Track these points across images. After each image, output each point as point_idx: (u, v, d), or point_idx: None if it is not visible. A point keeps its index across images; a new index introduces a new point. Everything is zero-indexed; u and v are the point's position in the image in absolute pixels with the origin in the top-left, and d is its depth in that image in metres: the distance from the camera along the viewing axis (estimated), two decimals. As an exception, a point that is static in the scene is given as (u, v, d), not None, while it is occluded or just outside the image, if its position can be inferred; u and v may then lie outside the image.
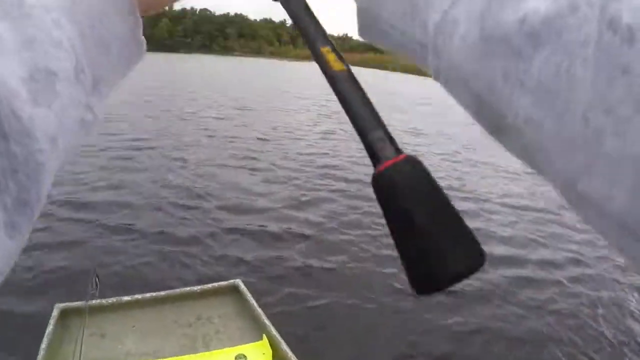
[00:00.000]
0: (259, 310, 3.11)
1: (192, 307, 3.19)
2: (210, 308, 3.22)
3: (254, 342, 2.89)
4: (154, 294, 3.16)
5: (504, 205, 8.30)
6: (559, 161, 0.23)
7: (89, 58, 0.39)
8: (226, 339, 3.00)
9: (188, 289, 3.29)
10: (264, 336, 2.90)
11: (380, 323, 4.31)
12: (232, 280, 3.45)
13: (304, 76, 46.84)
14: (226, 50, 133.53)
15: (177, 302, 3.19)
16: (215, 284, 3.40)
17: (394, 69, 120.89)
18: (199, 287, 3.32)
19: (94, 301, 2.78)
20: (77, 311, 2.79)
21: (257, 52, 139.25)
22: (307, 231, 6.19)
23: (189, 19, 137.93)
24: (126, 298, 3.07)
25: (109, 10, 0.42)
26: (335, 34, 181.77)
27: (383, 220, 0.26)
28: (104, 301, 2.96)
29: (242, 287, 3.35)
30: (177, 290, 3.26)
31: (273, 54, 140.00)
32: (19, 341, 3.17)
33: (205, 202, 6.90)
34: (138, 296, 3.11)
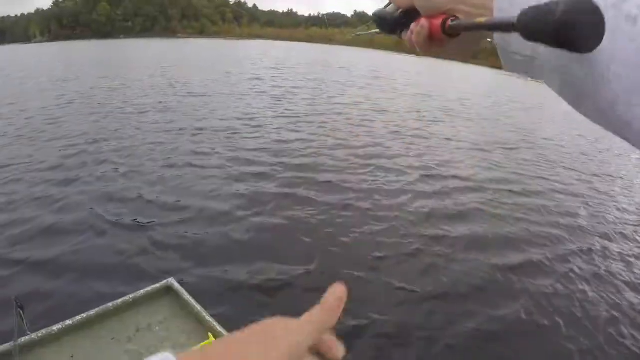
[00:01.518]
0: (199, 307, 3.00)
1: (128, 319, 2.99)
2: (148, 315, 3.03)
3: (201, 342, 2.76)
4: (84, 315, 2.89)
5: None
6: None
7: None
8: (172, 346, 2.77)
9: (120, 300, 3.04)
10: (210, 335, 2.80)
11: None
12: (164, 281, 3.26)
13: (250, 54, 46.24)
14: (169, 32, 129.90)
15: (111, 317, 2.97)
16: (148, 289, 3.18)
17: (338, 42, 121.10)
18: (131, 295, 3.09)
19: (23, 339, 2.57)
20: (7, 356, 2.53)
21: (201, 33, 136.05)
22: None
23: (128, 1, 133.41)
24: (57, 326, 2.79)
25: None
26: (280, 10, 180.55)
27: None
28: (34, 336, 2.69)
29: (177, 285, 3.21)
30: (109, 305, 2.99)
31: (217, 33, 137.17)
32: None
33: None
34: (69, 321, 2.83)
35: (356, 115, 15.00)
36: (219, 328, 2.82)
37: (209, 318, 2.90)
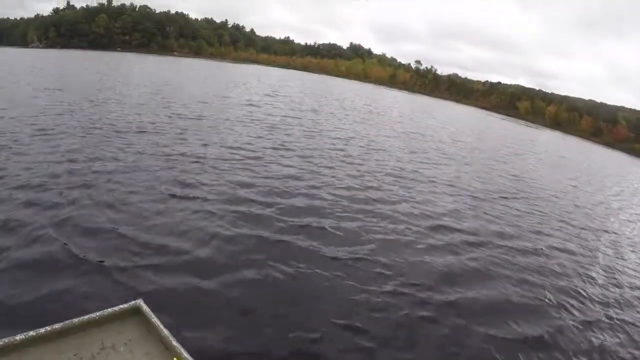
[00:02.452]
0: (166, 332, 2.87)
1: (93, 337, 2.84)
2: (113, 335, 2.89)
3: None
4: (48, 328, 2.73)
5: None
6: None
7: None
8: None
9: (86, 317, 2.89)
10: None
11: None
12: (133, 302, 3.13)
13: (245, 79, 46.15)
14: (165, 49, 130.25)
15: (76, 333, 2.82)
16: (116, 308, 3.03)
17: (336, 74, 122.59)
18: (98, 313, 2.94)
19: None
20: None
21: (197, 53, 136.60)
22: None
23: (128, 15, 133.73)
24: (19, 336, 2.62)
25: None
26: (277, 37, 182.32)
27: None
28: None
29: (145, 308, 3.09)
30: (75, 320, 2.84)
31: (213, 55, 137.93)
32: None
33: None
34: (32, 332, 2.67)
35: (352, 153, 14.69)
36: (185, 354, 2.74)
37: (175, 343, 2.80)
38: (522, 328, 5.50)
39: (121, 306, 3.08)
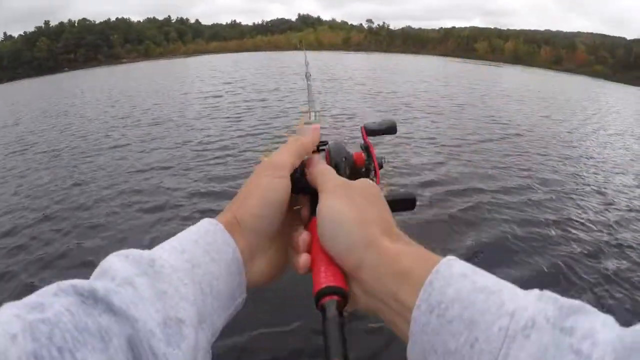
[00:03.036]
0: None
1: None
2: None
3: None
4: None
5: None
6: None
7: (207, 309, 0.52)
8: None
9: None
10: None
11: None
12: None
13: (198, 72, 45.21)
14: (112, 58, 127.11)
15: None
16: None
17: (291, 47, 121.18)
18: None
19: None
20: None
21: (146, 55, 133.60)
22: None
23: (68, 32, 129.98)
24: None
25: (222, 273, 0.56)
26: (224, 22, 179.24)
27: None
28: None
29: None
30: None
31: (163, 54, 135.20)
32: None
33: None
34: None
35: (327, 123, 14.34)
36: None
37: None
38: (530, 264, 5.45)
39: None
